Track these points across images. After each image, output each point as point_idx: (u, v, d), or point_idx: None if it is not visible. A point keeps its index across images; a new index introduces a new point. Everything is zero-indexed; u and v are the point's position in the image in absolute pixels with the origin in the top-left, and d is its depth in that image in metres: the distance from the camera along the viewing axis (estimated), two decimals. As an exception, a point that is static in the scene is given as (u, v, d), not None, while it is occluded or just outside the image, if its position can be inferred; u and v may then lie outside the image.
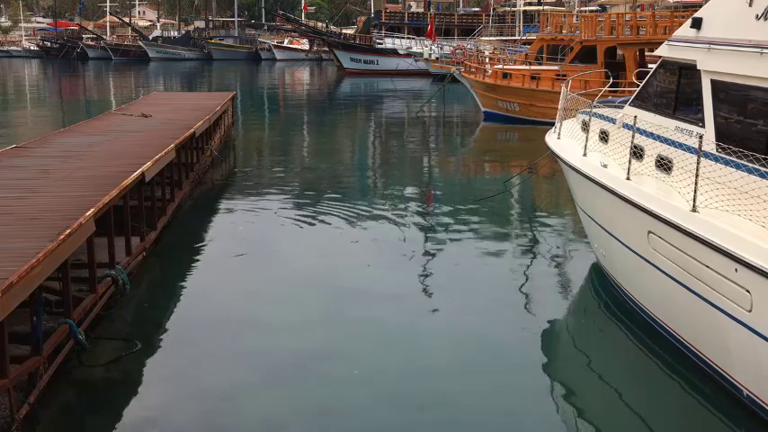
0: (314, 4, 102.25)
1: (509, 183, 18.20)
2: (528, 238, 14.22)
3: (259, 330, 9.70)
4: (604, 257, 11.24)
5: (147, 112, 19.73)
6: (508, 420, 7.72)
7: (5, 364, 6.79)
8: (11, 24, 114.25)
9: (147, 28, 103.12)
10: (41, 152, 13.77)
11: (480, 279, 11.77)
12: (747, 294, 7.08)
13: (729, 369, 7.77)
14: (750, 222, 7.31)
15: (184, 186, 16.13)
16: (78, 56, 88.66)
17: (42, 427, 7.39)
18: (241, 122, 32.49)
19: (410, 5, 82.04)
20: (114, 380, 8.39)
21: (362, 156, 26.07)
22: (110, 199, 9.96)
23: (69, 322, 8.25)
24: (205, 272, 12.11)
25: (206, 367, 8.63)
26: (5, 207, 9.57)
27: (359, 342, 9.38)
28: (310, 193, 18.02)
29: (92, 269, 9.31)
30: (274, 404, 7.90)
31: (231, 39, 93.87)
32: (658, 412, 7.84)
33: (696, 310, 8.05)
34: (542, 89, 29.48)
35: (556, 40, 32.73)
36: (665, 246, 8.46)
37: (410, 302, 10.63)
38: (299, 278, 11.63)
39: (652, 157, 9.35)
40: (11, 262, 7.09)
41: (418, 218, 15.60)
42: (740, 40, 8.29)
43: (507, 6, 66.33)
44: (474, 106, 33.86)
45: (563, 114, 13.11)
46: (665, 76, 10.09)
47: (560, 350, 9.59)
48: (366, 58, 67.63)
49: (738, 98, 8.46)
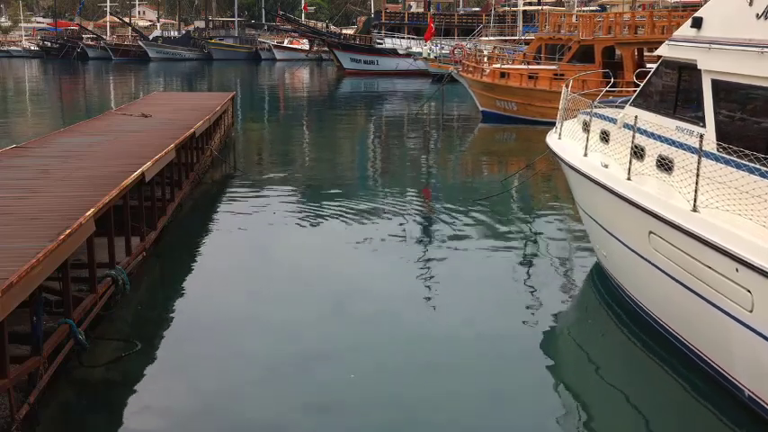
0: (314, 4, 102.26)
1: (508, 182, 18.20)
2: (528, 238, 14.22)
3: (259, 330, 9.69)
4: (605, 257, 11.23)
5: (147, 112, 19.71)
6: (508, 420, 7.72)
7: (5, 364, 6.78)
8: (11, 24, 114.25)
9: (147, 28, 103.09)
10: (41, 152, 13.76)
11: (480, 279, 11.77)
12: (748, 294, 7.07)
13: (730, 369, 7.77)
14: (751, 222, 7.30)
15: (184, 186, 16.12)
16: (78, 56, 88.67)
17: (42, 427, 7.38)
18: (241, 122, 32.49)
19: (410, 5, 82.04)
20: (114, 380, 8.39)
21: (362, 156, 26.06)
22: (110, 199, 9.94)
23: (69, 322, 8.24)
24: (205, 272, 12.11)
25: (206, 367, 8.63)
26: (5, 207, 9.55)
27: (359, 342, 9.38)
28: (310, 193, 18.03)
29: (92, 269, 9.30)
30: (274, 404, 7.89)
31: (231, 39, 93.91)
32: (659, 412, 7.84)
33: (697, 310, 8.05)
34: (540, 89, 29.49)
35: (554, 39, 32.72)
36: (666, 246, 8.45)
37: (410, 302, 10.63)
38: (298, 278, 11.63)
39: (653, 157, 9.34)
40: (11, 262, 7.08)
41: (418, 217, 15.60)
42: (740, 39, 8.28)
43: (507, 6, 66.26)
44: (473, 106, 33.86)
45: (564, 114, 13.10)
46: (665, 76, 10.08)
47: (561, 350, 9.59)
48: (366, 58, 67.69)
49: (739, 98, 8.46)
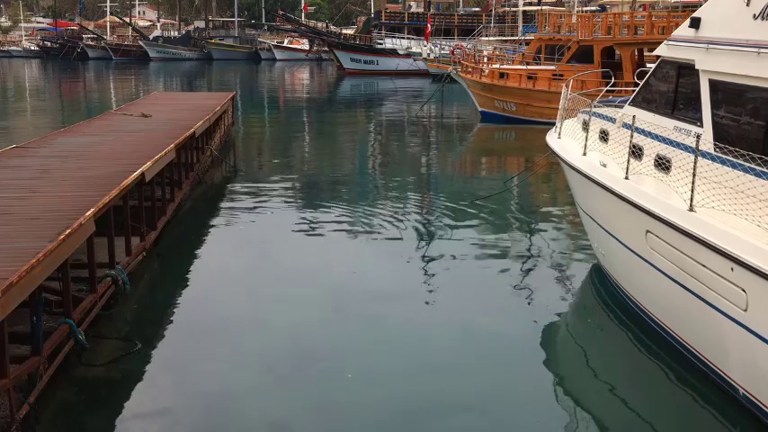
0: (314, 4, 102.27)
1: (509, 182, 18.23)
2: (528, 238, 14.24)
3: (259, 330, 9.72)
4: (604, 257, 11.27)
5: (147, 112, 19.74)
6: (508, 419, 7.75)
7: (5, 364, 6.81)
8: (11, 24, 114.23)
9: (147, 28, 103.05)
10: (41, 152, 13.79)
11: (480, 278, 11.80)
12: (743, 293, 7.11)
13: (726, 368, 7.80)
14: (746, 222, 7.33)
15: (184, 186, 16.16)
16: (78, 56, 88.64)
17: (42, 426, 7.42)
18: (241, 122, 32.50)
19: (410, 5, 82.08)
20: (114, 380, 8.41)
21: (362, 156, 26.08)
22: (110, 199, 9.97)
23: (69, 322, 8.27)
24: (205, 272, 12.13)
25: (206, 367, 8.66)
26: (5, 207, 9.58)
27: (359, 342, 9.41)
28: (310, 193, 18.06)
29: (92, 269, 9.33)
30: (274, 404, 7.93)
31: (231, 39, 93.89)
32: (655, 410, 7.88)
33: (693, 309, 8.08)
34: (539, 89, 29.50)
35: (554, 40, 32.73)
36: (663, 245, 8.48)
37: (410, 302, 10.66)
38: (298, 278, 11.66)
39: (651, 157, 9.38)
40: (11, 262, 7.11)
41: (418, 217, 15.63)
42: (738, 39, 8.31)
43: (507, 6, 66.29)
44: (472, 106, 33.88)
45: (564, 114, 13.14)
46: (663, 76, 10.12)
47: (560, 348, 9.62)
48: (366, 58, 67.71)
49: (736, 98, 8.48)
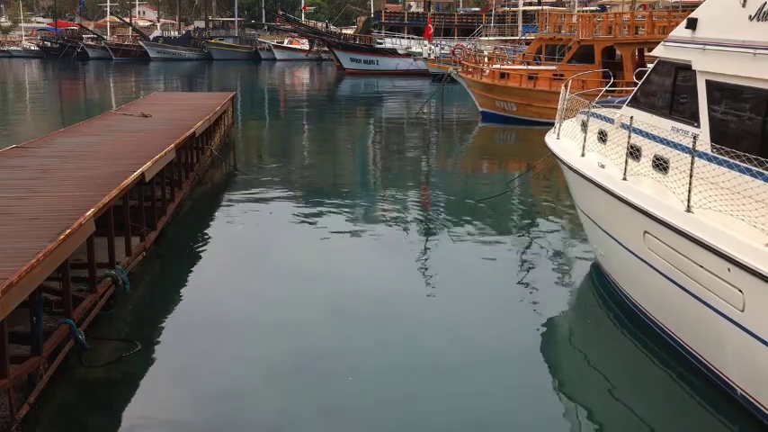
0: (314, 4, 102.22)
1: (511, 183, 18.24)
2: (529, 238, 14.27)
3: (259, 330, 9.75)
4: (603, 257, 11.30)
5: (147, 112, 19.76)
6: (507, 419, 7.78)
7: (5, 364, 6.83)
8: (11, 24, 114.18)
9: (147, 28, 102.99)
10: (41, 152, 13.81)
11: (481, 278, 11.84)
12: (740, 294, 7.13)
13: (723, 368, 7.83)
14: (743, 222, 7.36)
15: (184, 186, 16.18)
16: (78, 56, 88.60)
17: (42, 427, 7.44)
18: (241, 122, 32.53)
19: (410, 5, 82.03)
20: (114, 380, 8.43)
21: (362, 156, 26.11)
22: (110, 199, 9.99)
23: (69, 322, 8.29)
24: (205, 272, 12.16)
25: (206, 367, 8.68)
26: (5, 207, 9.60)
27: (358, 342, 9.44)
28: (310, 193, 18.09)
29: (92, 269, 9.35)
30: (274, 404, 7.94)
31: (231, 39, 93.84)
32: (652, 410, 7.90)
33: (690, 309, 8.11)
34: (539, 89, 29.51)
35: (554, 40, 32.73)
36: (661, 246, 8.51)
37: (410, 302, 10.69)
38: (298, 278, 11.68)
39: (649, 158, 9.41)
40: (11, 262, 7.13)
41: (418, 217, 15.66)
42: (734, 40, 8.34)
43: (507, 6, 66.26)
44: (472, 106, 33.90)
45: (563, 115, 13.16)
46: (661, 77, 10.15)
47: (559, 348, 9.66)
48: (366, 58, 67.68)
49: (733, 98, 8.51)
